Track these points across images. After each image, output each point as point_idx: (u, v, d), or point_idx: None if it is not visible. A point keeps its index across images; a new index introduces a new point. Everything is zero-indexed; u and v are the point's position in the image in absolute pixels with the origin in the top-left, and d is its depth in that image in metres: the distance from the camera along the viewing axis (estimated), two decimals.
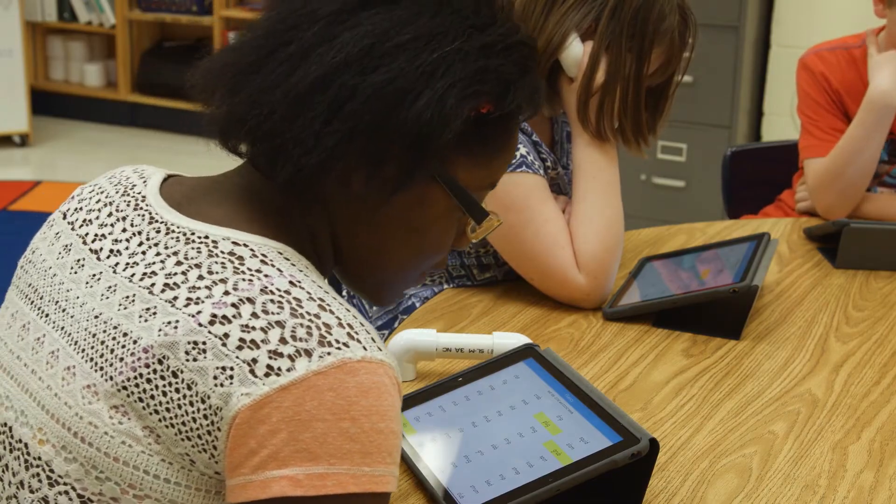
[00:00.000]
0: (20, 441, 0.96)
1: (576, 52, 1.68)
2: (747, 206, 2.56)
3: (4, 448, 0.98)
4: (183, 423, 0.89)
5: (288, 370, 0.86)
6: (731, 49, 3.83)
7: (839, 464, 1.28)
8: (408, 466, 1.22)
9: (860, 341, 1.62)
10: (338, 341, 0.88)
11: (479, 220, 1.02)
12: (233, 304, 0.89)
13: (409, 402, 1.31)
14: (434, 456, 1.21)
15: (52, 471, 0.94)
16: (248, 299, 0.89)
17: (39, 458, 0.94)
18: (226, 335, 0.88)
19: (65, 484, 0.93)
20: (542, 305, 1.71)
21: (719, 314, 1.64)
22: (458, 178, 0.99)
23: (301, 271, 0.94)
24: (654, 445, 1.11)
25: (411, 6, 0.96)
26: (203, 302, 0.90)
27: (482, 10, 0.98)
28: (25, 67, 5.49)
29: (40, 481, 0.94)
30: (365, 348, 0.89)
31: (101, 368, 0.92)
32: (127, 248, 0.98)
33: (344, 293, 1.86)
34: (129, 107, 5.97)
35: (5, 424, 0.98)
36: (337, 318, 0.90)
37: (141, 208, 1.01)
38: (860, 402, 1.43)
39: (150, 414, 0.90)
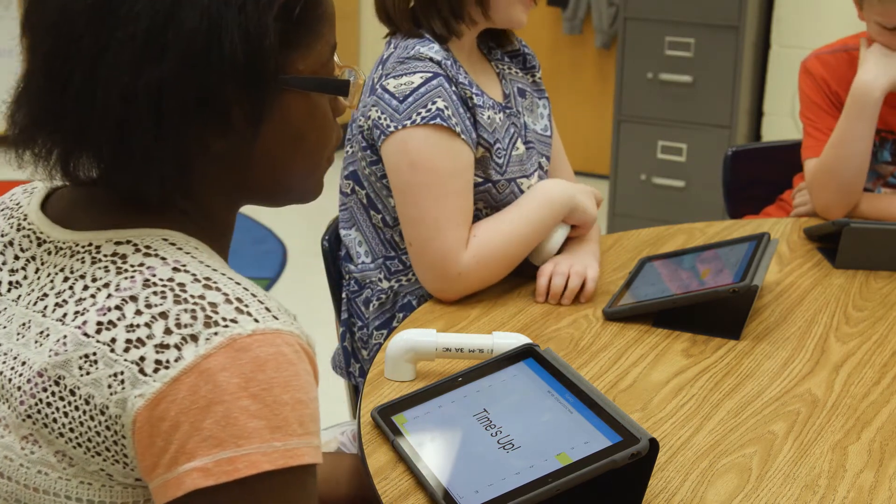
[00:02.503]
0: None
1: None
2: (747, 206, 2.56)
3: None
4: (89, 440, 0.86)
5: (176, 360, 0.83)
6: (731, 49, 3.83)
7: (839, 464, 1.28)
8: (408, 466, 1.22)
9: (860, 341, 1.62)
10: (224, 319, 0.84)
11: (346, 93, 0.99)
12: (116, 307, 0.86)
13: (409, 402, 1.31)
14: (434, 456, 1.21)
15: None
16: (131, 297, 0.86)
17: None
18: (113, 340, 0.85)
19: None
20: (542, 305, 1.70)
21: (719, 314, 1.64)
22: (301, 73, 0.95)
23: (188, 254, 0.90)
24: (653, 445, 1.11)
25: None
26: (88, 311, 0.87)
27: None
28: None
29: None
30: (256, 320, 0.85)
31: (7, 400, 0.90)
32: (25, 278, 0.95)
33: (343, 296, 1.85)
34: None
35: None
36: (224, 294, 0.86)
37: (24, 228, 0.97)
38: (860, 402, 1.43)
39: (57, 438, 0.87)
